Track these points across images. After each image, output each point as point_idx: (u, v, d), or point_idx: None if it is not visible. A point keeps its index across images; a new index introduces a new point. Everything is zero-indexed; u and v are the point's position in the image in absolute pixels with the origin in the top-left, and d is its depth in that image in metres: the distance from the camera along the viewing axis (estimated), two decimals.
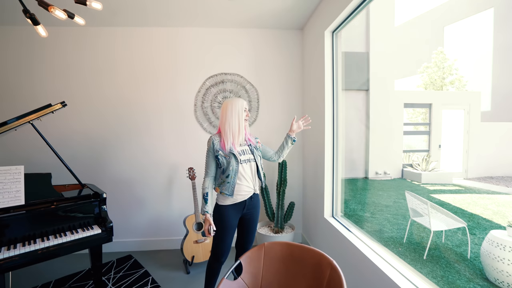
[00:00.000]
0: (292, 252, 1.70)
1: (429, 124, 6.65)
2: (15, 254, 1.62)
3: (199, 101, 3.02)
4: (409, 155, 6.88)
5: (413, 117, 8.13)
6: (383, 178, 6.51)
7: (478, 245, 2.66)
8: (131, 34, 2.94)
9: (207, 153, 1.79)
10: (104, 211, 2.04)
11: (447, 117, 6.52)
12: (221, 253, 1.83)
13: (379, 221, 3.67)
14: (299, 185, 3.17)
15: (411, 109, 7.73)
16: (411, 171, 6.24)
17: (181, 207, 3.06)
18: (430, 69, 8.88)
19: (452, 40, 8.38)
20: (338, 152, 2.42)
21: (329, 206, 2.46)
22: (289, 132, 1.93)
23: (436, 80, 8.65)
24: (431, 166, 6.11)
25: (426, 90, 8.66)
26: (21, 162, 2.76)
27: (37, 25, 1.50)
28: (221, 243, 1.82)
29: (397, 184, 6.12)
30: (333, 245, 2.29)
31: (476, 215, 3.44)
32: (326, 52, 2.42)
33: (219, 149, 1.73)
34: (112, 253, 2.95)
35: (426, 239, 2.76)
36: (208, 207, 1.74)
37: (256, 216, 1.92)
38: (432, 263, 2.50)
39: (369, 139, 6.74)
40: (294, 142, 1.94)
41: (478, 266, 2.33)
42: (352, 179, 6.41)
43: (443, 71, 8.47)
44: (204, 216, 1.74)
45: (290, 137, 1.92)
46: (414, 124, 7.36)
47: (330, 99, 2.43)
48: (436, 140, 6.52)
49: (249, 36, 3.04)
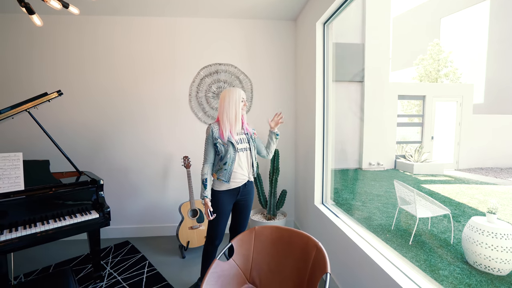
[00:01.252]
0: (281, 235, 1.79)
1: (422, 116, 6.75)
2: (16, 236, 1.70)
3: (194, 91, 3.06)
4: (402, 146, 7.00)
5: (408, 109, 8.22)
6: (377, 168, 6.64)
7: (462, 232, 2.79)
8: (128, 24, 2.95)
9: (206, 140, 1.86)
10: (101, 197, 2.12)
11: (440, 109, 6.62)
12: (215, 237, 1.93)
13: (369, 210, 3.79)
14: (291, 174, 3.26)
15: (406, 101, 7.81)
16: (403, 162, 6.37)
17: (176, 195, 3.14)
18: (426, 61, 8.91)
19: (448, 32, 8.39)
20: (328, 142, 2.50)
21: (319, 193, 2.56)
22: (271, 129, 1.99)
23: (431, 72, 8.69)
24: (423, 157, 6.23)
25: (421, 82, 8.71)
26: (19, 150, 2.81)
27: (32, 15, 1.52)
28: (216, 226, 1.91)
29: (389, 174, 6.25)
30: (321, 230, 2.39)
31: (463, 204, 3.57)
32: (318, 44, 2.46)
33: (217, 137, 1.80)
34: (110, 239, 3.04)
35: (413, 226, 2.88)
36: (207, 192, 1.83)
37: (250, 202, 2.01)
38: (417, 248, 2.62)
39: (363, 130, 6.84)
40: (278, 136, 2.01)
41: (460, 250, 2.46)
42: (345, 170, 6.53)
43: (438, 63, 8.52)
44: (203, 200, 1.83)
45: (273, 132, 1.99)
46: (407, 116, 7.46)
47: (320, 90, 2.49)
48: (429, 131, 6.63)
49: (242, 27, 3.06)
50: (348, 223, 2.10)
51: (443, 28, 8.89)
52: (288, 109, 3.20)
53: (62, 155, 2.23)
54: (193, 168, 2.87)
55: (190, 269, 2.44)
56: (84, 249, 2.80)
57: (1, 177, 1.83)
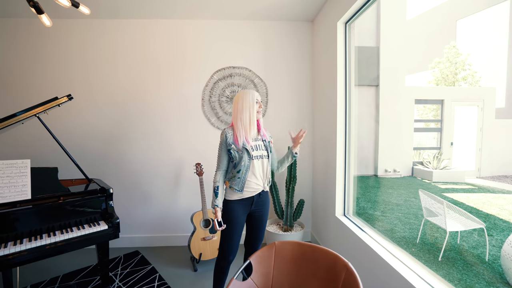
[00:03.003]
0: (304, 252, 1.63)
1: (440, 121, 6.47)
2: (25, 249, 1.59)
3: (207, 95, 2.95)
4: (419, 153, 6.72)
5: (424, 113, 7.93)
6: (393, 176, 6.38)
7: (496, 247, 2.56)
8: (139, 27, 2.88)
9: (219, 146, 1.74)
10: (110, 206, 2.00)
11: (459, 113, 6.33)
12: (229, 251, 1.77)
13: (390, 220, 3.57)
14: (308, 182, 3.09)
15: (422, 105, 7.54)
16: (421, 169, 6.09)
17: (188, 203, 3.01)
18: (442, 64, 8.62)
19: (465, 35, 8.11)
20: (350, 149, 2.33)
21: (340, 204, 2.38)
22: (292, 148, 1.83)
23: (448, 76, 8.40)
24: (442, 164, 5.95)
25: (437, 86, 8.43)
26: (28, 156, 2.75)
27: (41, 14, 1.44)
28: (229, 239, 1.76)
29: (407, 182, 5.98)
30: (344, 245, 2.21)
31: (492, 216, 3.32)
32: (339, 45, 2.32)
33: (231, 143, 1.68)
34: (119, 249, 2.93)
35: (441, 240, 2.67)
36: (218, 201, 1.70)
37: (265, 213, 1.86)
38: (448, 265, 2.40)
39: (378, 136, 6.60)
40: (296, 156, 1.85)
41: (498, 269, 2.23)
42: (361, 177, 6.30)
43: (456, 67, 8.22)
44: (213, 209, 1.70)
45: (292, 151, 1.83)
46: (425, 121, 7.18)
47: (342, 94, 2.34)
48: (448, 137, 6.34)
49: (257, 29, 2.95)
50: (375, 237, 1.92)
51: (459, 31, 8.61)
52: (305, 114, 3.05)
53: (71, 161, 2.14)
54: (206, 176, 2.74)
55: (203, 284, 2.30)
56: (92, 259, 2.69)
57: (8, 185, 1.74)
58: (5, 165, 1.78)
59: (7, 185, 1.73)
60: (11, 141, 2.84)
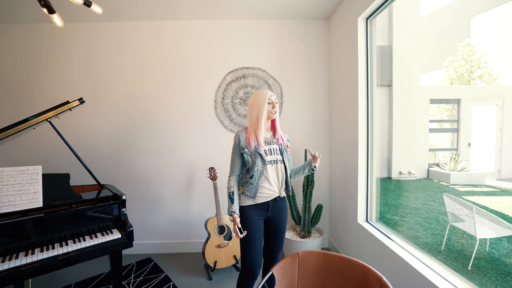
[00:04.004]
0: (330, 263, 1.52)
1: (457, 121, 6.25)
2: (37, 260, 1.52)
3: (220, 97, 2.87)
4: (435, 154, 6.50)
5: (438, 113, 7.70)
6: (408, 178, 6.18)
7: None
8: (151, 29, 2.82)
9: (232, 149, 1.66)
10: (124, 214, 1.93)
11: (477, 113, 6.10)
12: (253, 263, 1.62)
13: (410, 225, 3.41)
14: (325, 186, 2.97)
15: (436, 105, 7.31)
16: (438, 171, 5.88)
17: (202, 209, 2.92)
18: (456, 63, 8.38)
19: (480, 32, 7.86)
20: (373, 151, 2.21)
21: (363, 209, 2.26)
22: (312, 162, 1.70)
23: (463, 75, 8.16)
24: (460, 166, 5.73)
25: (451, 85, 8.19)
26: (41, 161, 2.71)
27: (52, 14, 1.38)
28: (251, 248, 1.62)
29: (423, 184, 5.79)
30: (369, 254, 2.08)
31: None
32: (360, 43, 2.20)
33: (244, 146, 1.58)
34: (131, 256, 2.86)
35: (469, 247, 2.51)
36: (235, 207, 1.60)
37: (283, 220, 1.74)
38: (479, 275, 2.24)
39: (392, 137, 6.42)
40: (313, 171, 1.74)
41: None
42: None
43: (471, 65, 7.98)
44: (231, 216, 1.60)
45: (311, 164, 1.69)
46: (440, 121, 6.95)
47: (364, 94, 2.22)
48: (465, 138, 6.11)
49: (270, 28, 2.86)
50: (404, 246, 1.79)
51: (474, 28, 8.35)
52: (321, 115, 2.94)
53: (83, 167, 2.08)
54: (220, 180, 2.65)
55: None
56: (105, 266, 2.62)
57: (19, 192, 1.68)
58: (17, 171, 1.72)
59: (18, 193, 1.67)
60: (24, 147, 2.80)
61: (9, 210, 1.61)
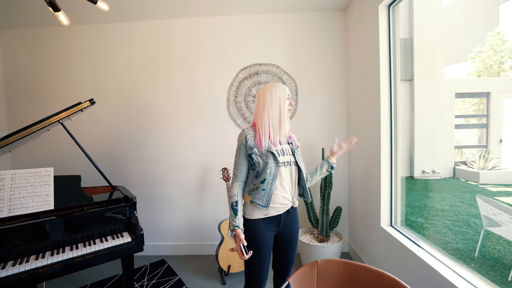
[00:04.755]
0: (352, 274, 1.38)
1: (486, 116, 5.83)
2: (46, 263, 1.49)
3: (232, 95, 2.78)
4: (461, 152, 6.11)
5: (463, 108, 7.24)
6: (432, 177, 5.84)
7: None
8: (159, 28, 2.78)
9: (237, 151, 1.44)
10: (134, 217, 1.88)
11: (509, 107, 5.66)
12: (259, 280, 1.47)
13: (437, 229, 3.18)
14: (344, 187, 2.81)
15: (461, 99, 6.87)
16: (465, 170, 5.51)
17: (215, 210, 2.85)
18: (484, 54, 7.84)
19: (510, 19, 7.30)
20: (397, 150, 2.04)
21: (386, 213, 2.09)
22: (329, 156, 1.53)
23: (492, 66, 7.61)
24: (490, 164, 5.33)
25: (479, 77, 7.68)
26: (55, 163, 2.74)
27: (57, 12, 1.33)
28: (258, 267, 1.44)
29: (449, 184, 5.44)
30: (393, 261, 1.92)
31: None
32: (381, 32, 2.03)
33: (253, 146, 1.37)
34: (145, 257, 2.83)
35: (508, 255, 2.27)
36: (238, 220, 1.35)
37: (296, 234, 1.54)
38: None
39: (414, 134, 6.10)
40: (332, 170, 1.55)
41: None
42: None
43: (501, 55, 7.43)
44: (233, 232, 1.35)
45: (328, 162, 1.52)
46: (467, 116, 6.52)
47: (386, 89, 2.05)
48: (496, 133, 5.68)
49: (283, 22, 2.73)
50: (434, 253, 1.62)
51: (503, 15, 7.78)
52: (339, 113, 2.78)
53: (95, 168, 2.06)
54: None
55: None
56: (118, 268, 2.60)
57: (31, 195, 1.67)
58: (29, 174, 1.71)
59: (30, 195, 1.66)
60: (40, 149, 2.85)
61: (21, 212, 1.60)
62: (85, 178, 2.48)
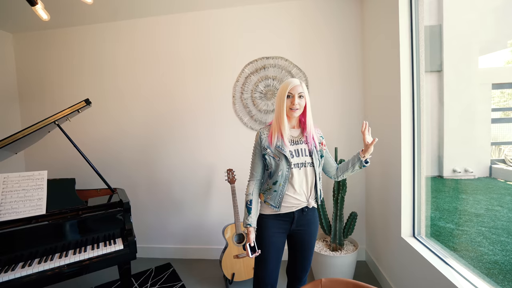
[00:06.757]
0: None
1: None
2: (56, 266, 1.44)
3: (238, 91, 2.62)
4: (499, 149, 5.51)
5: (502, 101, 6.55)
6: (464, 176, 5.29)
7: None
8: (155, 25, 2.68)
9: (253, 150, 1.43)
10: (129, 222, 1.78)
11: None
12: (263, 281, 1.40)
13: (470, 237, 2.82)
14: (360, 190, 2.56)
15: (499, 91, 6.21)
16: (504, 169, 4.93)
17: (221, 213, 2.72)
18: None
19: None
20: (421, 148, 1.77)
21: (408, 221, 1.83)
22: (362, 152, 1.37)
23: None
24: None
25: None
26: (59, 166, 2.77)
27: (34, 6, 1.24)
28: (262, 265, 1.40)
29: (484, 185, 4.89)
30: (415, 277, 1.66)
31: None
32: (401, 20, 1.77)
33: (267, 147, 1.34)
34: (151, 260, 2.77)
35: None
36: (251, 219, 1.38)
37: (312, 236, 1.45)
38: None
39: (443, 129, 5.58)
40: (364, 167, 1.40)
41: None
42: None
43: None
44: (246, 229, 1.40)
45: (360, 159, 1.37)
46: (506, 110, 5.88)
47: (408, 82, 1.79)
48: None
49: (289, 11, 2.51)
50: (466, 274, 1.36)
51: None
52: (354, 108, 2.53)
53: (100, 171, 2.00)
54: (239, 184, 2.40)
55: None
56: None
57: (23, 199, 1.62)
58: (22, 177, 1.66)
59: (22, 199, 1.61)
60: (44, 151, 2.89)
61: (12, 217, 1.55)
62: (90, 180, 2.46)
